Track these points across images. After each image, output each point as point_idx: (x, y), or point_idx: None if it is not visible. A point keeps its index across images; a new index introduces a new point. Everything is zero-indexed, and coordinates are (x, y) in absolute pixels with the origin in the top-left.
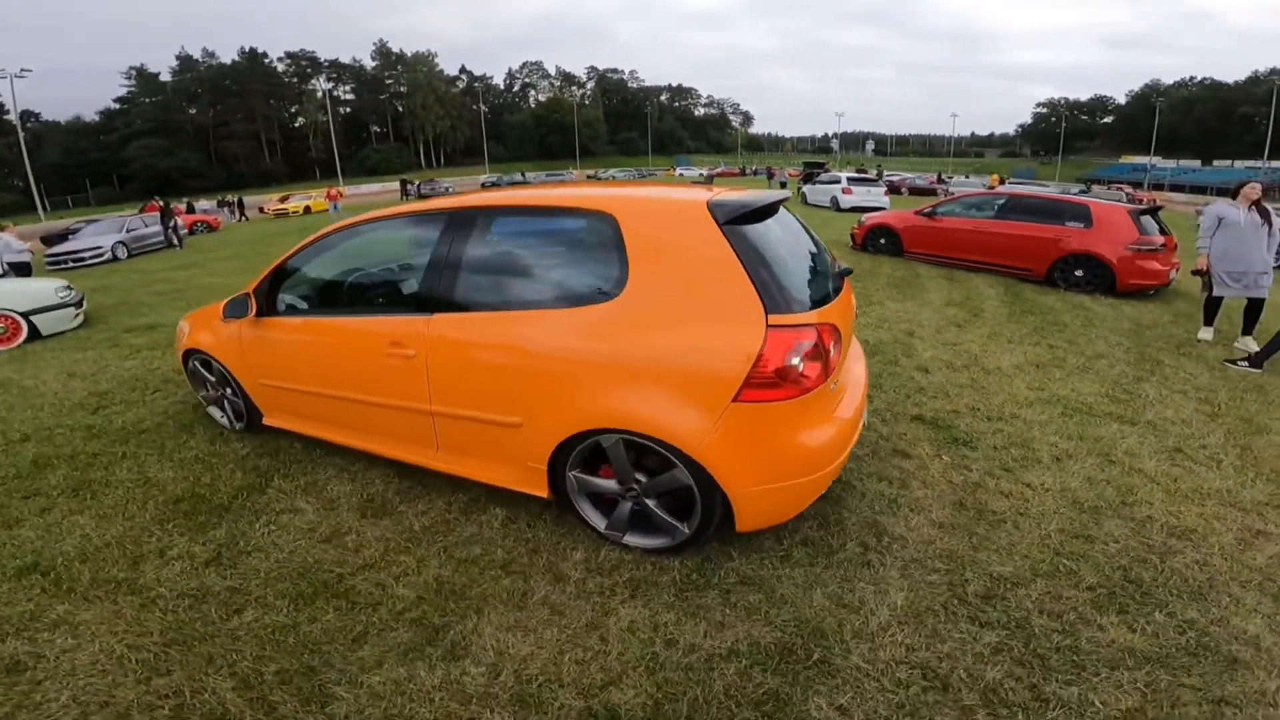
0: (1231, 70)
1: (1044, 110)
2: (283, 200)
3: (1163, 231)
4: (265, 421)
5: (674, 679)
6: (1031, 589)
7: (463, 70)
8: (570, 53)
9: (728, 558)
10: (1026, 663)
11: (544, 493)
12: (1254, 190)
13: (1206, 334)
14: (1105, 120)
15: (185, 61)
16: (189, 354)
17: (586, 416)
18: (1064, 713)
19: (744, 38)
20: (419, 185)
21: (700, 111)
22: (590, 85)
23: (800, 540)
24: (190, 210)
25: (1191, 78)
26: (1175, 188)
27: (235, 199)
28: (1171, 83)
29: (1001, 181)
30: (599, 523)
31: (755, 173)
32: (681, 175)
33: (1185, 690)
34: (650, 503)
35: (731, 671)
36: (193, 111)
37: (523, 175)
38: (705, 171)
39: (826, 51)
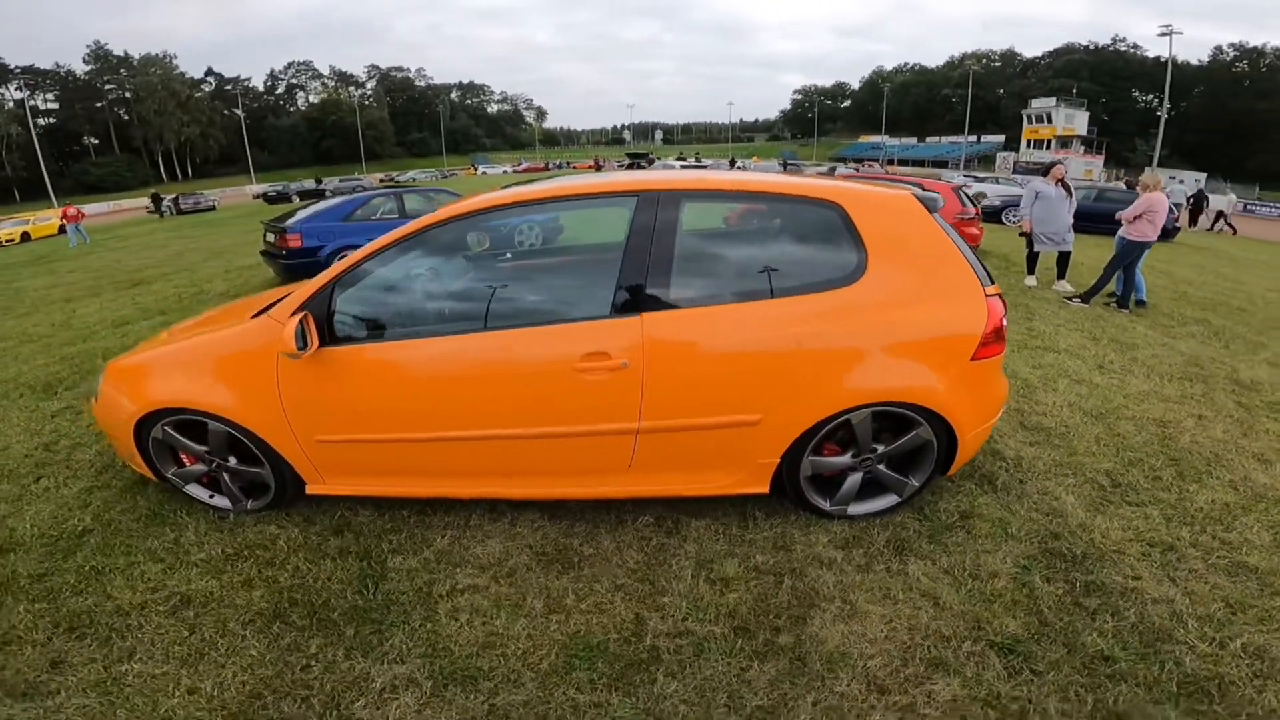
0: (934, 56)
1: (800, 97)
2: None
3: (972, 203)
4: (312, 490)
5: (1017, 599)
6: (1135, 474)
7: (210, 72)
8: (345, 51)
9: (931, 504)
10: (1192, 523)
11: (765, 489)
12: (1060, 170)
13: (1031, 281)
14: (845, 104)
15: None
16: (151, 419)
17: (841, 397)
18: (1247, 546)
19: (532, 33)
20: (178, 199)
21: (494, 108)
22: (371, 84)
23: (962, 476)
24: None
25: (905, 64)
26: (901, 162)
27: None
28: (891, 69)
29: (784, 165)
30: (823, 503)
31: (559, 166)
32: (484, 174)
33: None
34: (881, 467)
35: (1040, 578)
36: None
37: (317, 181)
38: (509, 168)
39: (612, 46)
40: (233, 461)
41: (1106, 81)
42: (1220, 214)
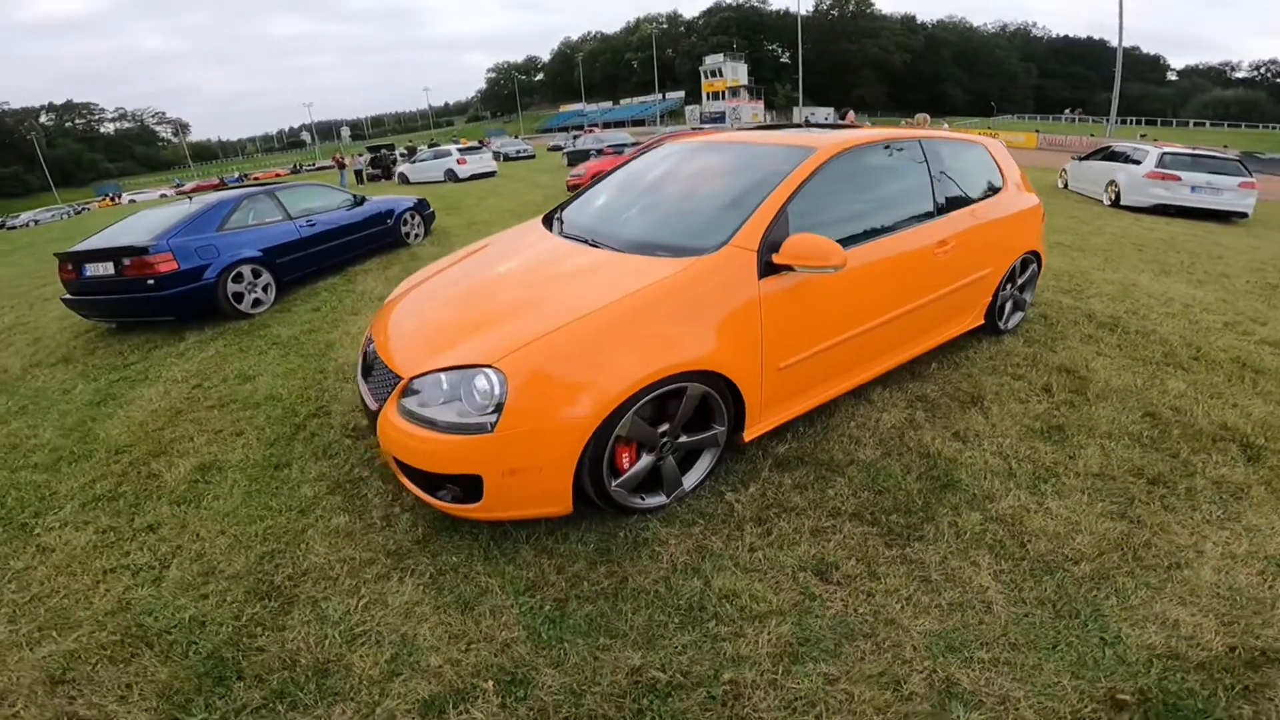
0: (612, 23)
1: (494, 75)
2: None
3: None
4: (750, 435)
5: (1155, 348)
6: (1084, 283)
7: None
8: None
9: (1027, 315)
10: (1137, 298)
11: (982, 321)
12: (851, 115)
13: None
14: (539, 78)
15: None
16: (622, 409)
17: (1017, 251)
18: (1172, 304)
19: (135, 41)
20: None
21: (110, 128)
22: None
23: None
24: None
25: (589, 32)
26: (606, 125)
27: None
28: (578, 38)
29: (482, 143)
30: (1000, 323)
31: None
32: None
33: None
34: (1019, 294)
35: (1137, 333)
36: None
37: None
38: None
39: (257, 45)
40: (683, 437)
41: (749, 35)
42: None
